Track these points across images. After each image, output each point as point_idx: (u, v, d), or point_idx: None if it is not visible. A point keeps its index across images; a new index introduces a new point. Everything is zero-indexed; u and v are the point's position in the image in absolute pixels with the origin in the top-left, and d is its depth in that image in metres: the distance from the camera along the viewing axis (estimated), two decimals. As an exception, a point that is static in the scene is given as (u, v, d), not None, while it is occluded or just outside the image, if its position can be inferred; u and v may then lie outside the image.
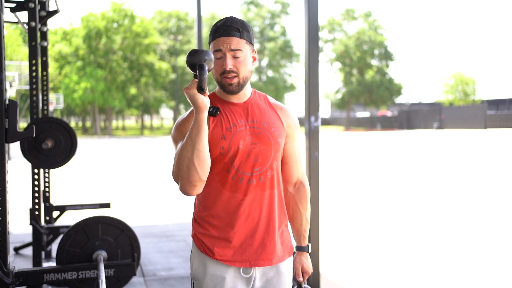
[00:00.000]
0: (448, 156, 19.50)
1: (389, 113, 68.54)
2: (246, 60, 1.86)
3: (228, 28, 1.85)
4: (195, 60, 1.72)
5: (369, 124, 62.50)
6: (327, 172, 14.29)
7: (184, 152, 1.72)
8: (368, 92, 59.62)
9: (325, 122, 71.18)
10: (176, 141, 1.87)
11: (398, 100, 65.75)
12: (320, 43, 61.82)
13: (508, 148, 23.23)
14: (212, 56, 1.75)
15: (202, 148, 1.72)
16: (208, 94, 1.77)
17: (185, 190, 1.76)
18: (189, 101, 1.73)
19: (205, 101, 1.71)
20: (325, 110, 71.50)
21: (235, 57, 1.84)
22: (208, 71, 1.74)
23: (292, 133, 2.00)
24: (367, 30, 60.68)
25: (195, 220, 1.97)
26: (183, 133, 1.85)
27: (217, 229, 1.89)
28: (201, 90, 1.71)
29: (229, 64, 1.83)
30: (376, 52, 61.29)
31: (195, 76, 1.73)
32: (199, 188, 1.77)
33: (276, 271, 1.95)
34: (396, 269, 5.17)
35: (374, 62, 61.93)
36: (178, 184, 1.78)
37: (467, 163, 16.78)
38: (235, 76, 1.85)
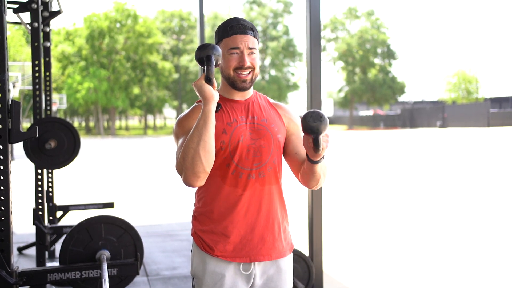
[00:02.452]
0: (451, 155, 19.47)
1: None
2: (257, 58, 1.93)
3: (243, 26, 1.90)
4: (203, 53, 1.77)
5: (372, 122, 62.43)
6: (331, 171, 14.28)
7: (190, 142, 1.74)
8: (371, 90, 59.54)
9: (328, 121, 71.05)
10: (177, 136, 1.90)
11: (401, 98, 65.64)
12: (323, 42, 61.77)
13: (511, 146, 23.18)
14: (220, 51, 1.80)
15: (208, 139, 1.73)
16: (216, 87, 1.80)
17: (188, 181, 1.77)
18: (197, 93, 1.77)
19: (212, 92, 1.75)
20: (328, 109, 71.40)
21: (251, 55, 1.90)
22: (216, 66, 1.78)
23: (294, 127, 2.02)
24: (370, 29, 60.57)
25: (195, 218, 1.99)
26: (184, 128, 1.88)
27: (217, 224, 1.90)
28: (208, 80, 1.75)
29: (248, 60, 1.88)
30: (379, 50, 61.19)
31: (203, 71, 1.78)
32: (202, 180, 1.78)
33: (277, 268, 1.96)
34: (399, 268, 5.17)
35: (377, 60, 61.83)
36: (181, 176, 1.79)
37: (470, 161, 16.75)
38: (251, 72, 1.90)
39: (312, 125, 1.64)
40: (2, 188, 2.57)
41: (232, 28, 1.89)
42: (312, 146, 1.69)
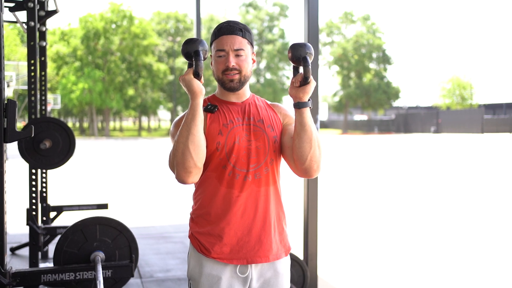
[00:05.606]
0: (445, 160, 19.52)
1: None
2: (247, 59, 1.91)
3: (231, 27, 1.90)
4: (191, 48, 1.78)
5: (367, 127, 62.54)
6: (325, 175, 14.28)
7: (179, 137, 1.76)
8: (366, 95, 59.67)
9: (323, 125, 71.21)
10: (173, 137, 1.91)
11: (396, 103, 65.83)
12: (318, 46, 61.79)
13: (505, 152, 23.27)
14: (207, 46, 1.83)
15: (197, 133, 1.75)
16: (203, 82, 1.82)
17: (180, 177, 1.78)
18: (184, 88, 1.78)
19: (200, 86, 1.77)
20: (322, 113, 71.49)
21: (237, 56, 1.89)
22: (203, 60, 1.80)
23: (289, 120, 2.01)
24: (366, 34, 60.74)
25: (192, 220, 1.99)
26: None
27: (214, 225, 1.90)
28: (196, 75, 1.77)
29: (232, 61, 1.87)
30: (374, 55, 61.36)
31: (189, 66, 1.79)
32: (194, 176, 1.79)
33: (274, 272, 1.95)
34: (394, 273, 5.16)
35: (372, 65, 61.98)
36: (174, 172, 1.80)
37: (464, 167, 16.80)
38: (237, 73, 1.89)
39: (299, 48, 1.80)
40: (-4, 187, 2.54)
41: (220, 30, 1.91)
42: (302, 75, 1.79)
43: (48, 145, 4.26)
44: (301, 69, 1.83)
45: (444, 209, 9.07)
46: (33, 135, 2.59)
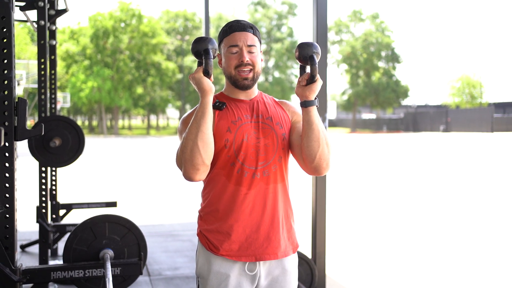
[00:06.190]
0: (454, 159, 19.42)
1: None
2: (259, 56, 1.94)
3: (242, 25, 1.92)
4: (201, 46, 1.79)
5: (375, 126, 62.31)
6: (334, 173, 14.26)
7: (188, 135, 1.77)
8: (375, 94, 59.45)
9: (331, 123, 71.05)
10: (181, 134, 1.92)
11: (405, 102, 65.54)
12: (327, 45, 61.61)
13: (515, 151, 23.10)
14: (216, 44, 1.84)
15: (206, 130, 1.76)
16: (213, 80, 1.82)
17: (188, 174, 1.79)
18: (194, 86, 1.80)
19: (210, 84, 1.78)
20: (331, 112, 71.37)
21: (250, 52, 1.90)
22: (213, 58, 1.82)
23: (298, 118, 2.03)
24: (374, 32, 60.48)
25: (200, 217, 1.99)
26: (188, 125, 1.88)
27: (222, 223, 1.91)
28: (206, 73, 1.79)
29: (246, 56, 1.88)
30: (383, 54, 61.07)
31: (199, 64, 1.81)
32: (202, 174, 1.80)
33: (282, 270, 1.96)
34: (402, 272, 5.15)
35: (381, 64, 61.71)
36: (181, 169, 1.81)
37: (473, 166, 16.71)
38: (251, 70, 1.90)
39: (307, 48, 1.82)
40: (7, 185, 2.56)
41: (231, 27, 1.92)
42: (308, 74, 1.81)
43: (58, 143, 4.29)
44: (308, 68, 1.84)
45: (452, 208, 9.03)
46: (43, 133, 2.60)
